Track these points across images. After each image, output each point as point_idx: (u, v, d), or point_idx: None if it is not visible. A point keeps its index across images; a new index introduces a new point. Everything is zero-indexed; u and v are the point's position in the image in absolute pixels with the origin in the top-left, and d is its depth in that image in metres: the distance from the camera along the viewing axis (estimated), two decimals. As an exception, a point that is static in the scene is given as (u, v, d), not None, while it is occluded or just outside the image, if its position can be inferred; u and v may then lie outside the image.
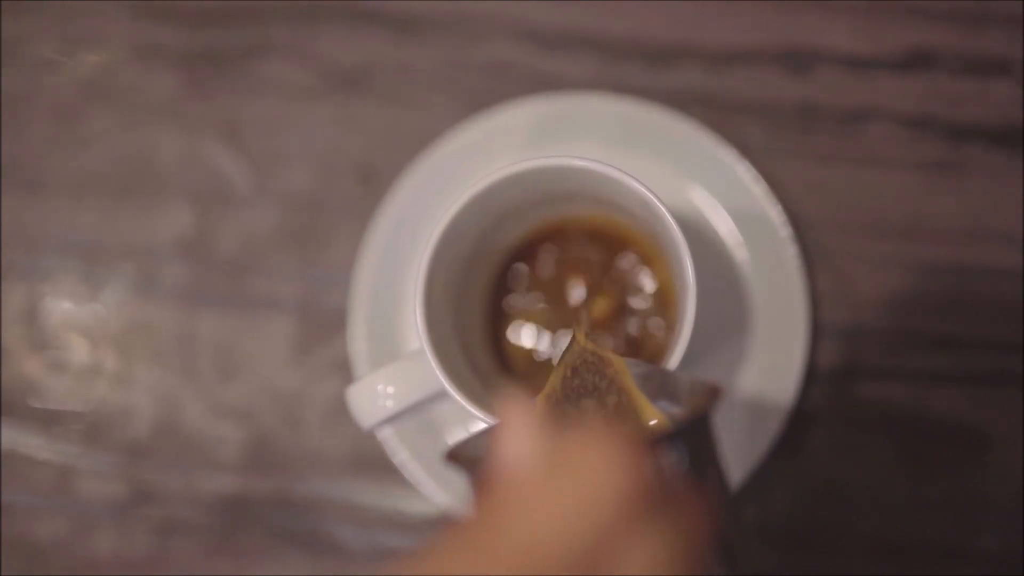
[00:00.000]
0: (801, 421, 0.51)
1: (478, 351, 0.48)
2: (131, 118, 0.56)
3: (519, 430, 0.30)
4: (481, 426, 0.47)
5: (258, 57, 0.56)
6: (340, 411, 0.53)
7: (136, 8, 0.57)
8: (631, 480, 0.27)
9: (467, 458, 0.34)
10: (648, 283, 0.50)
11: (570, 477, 0.28)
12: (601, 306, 0.50)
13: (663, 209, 0.40)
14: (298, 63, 0.56)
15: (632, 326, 0.50)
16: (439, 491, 0.50)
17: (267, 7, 0.56)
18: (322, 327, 0.54)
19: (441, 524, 0.52)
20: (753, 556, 0.33)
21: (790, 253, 0.50)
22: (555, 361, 0.50)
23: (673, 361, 0.41)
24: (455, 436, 0.51)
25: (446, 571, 0.27)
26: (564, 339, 0.50)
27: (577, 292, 0.50)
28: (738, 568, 0.32)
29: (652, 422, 0.35)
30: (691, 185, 0.51)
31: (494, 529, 0.27)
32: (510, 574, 0.26)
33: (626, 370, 0.39)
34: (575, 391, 0.39)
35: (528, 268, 0.50)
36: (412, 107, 0.55)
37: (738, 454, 0.49)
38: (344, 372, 0.53)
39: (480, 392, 0.43)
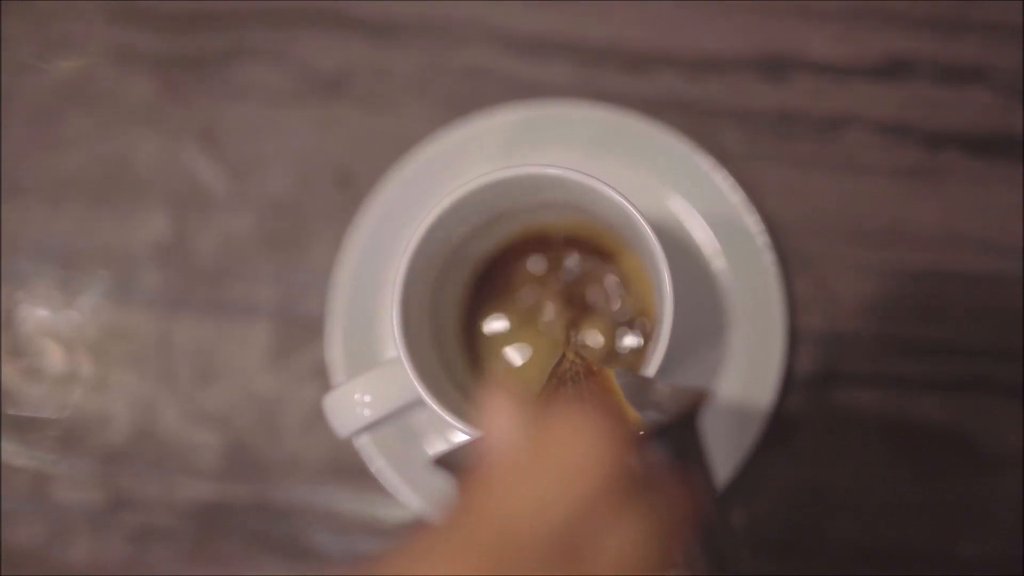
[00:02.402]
0: (781, 427, 0.51)
1: (455, 358, 0.48)
2: (108, 122, 0.56)
3: (504, 415, 0.30)
4: (461, 435, 0.47)
5: (236, 61, 0.55)
6: (318, 417, 0.52)
7: (113, 11, 0.56)
8: (614, 462, 0.27)
9: (453, 464, 0.34)
10: (626, 291, 0.50)
11: (553, 457, 0.28)
12: (579, 314, 0.49)
13: (640, 218, 0.40)
14: (276, 67, 0.55)
15: (610, 334, 0.50)
16: (416, 498, 0.50)
17: (245, 11, 0.56)
18: (300, 333, 0.54)
19: (416, 528, 0.52)
20: (742, 559, 0.33)
21: (767, 261, 0.50)
22: (529, 365, 0.50)
23: (651, 369, 0.41)
24: (432, 443, 0.51)
25: (425, 550, 0.27)
26: (540, 344, 0.50)
27: (554, 300, 0.50)
28: (726, 566, 0.32)
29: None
30: (669, 193, 0.51)
31: (475, 508, 0.27)
32: (488, 551, 0.26)
33: (613, 380, 0.39)
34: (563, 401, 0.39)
35: (506, 276, 0.50)
36: (390, 112, 0.55)
37: (718, 460, 0.49)
38: (322, 378, 0.53)
39: (457, 400, 0.43)
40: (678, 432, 0.32)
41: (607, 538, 0.27)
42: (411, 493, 0.50)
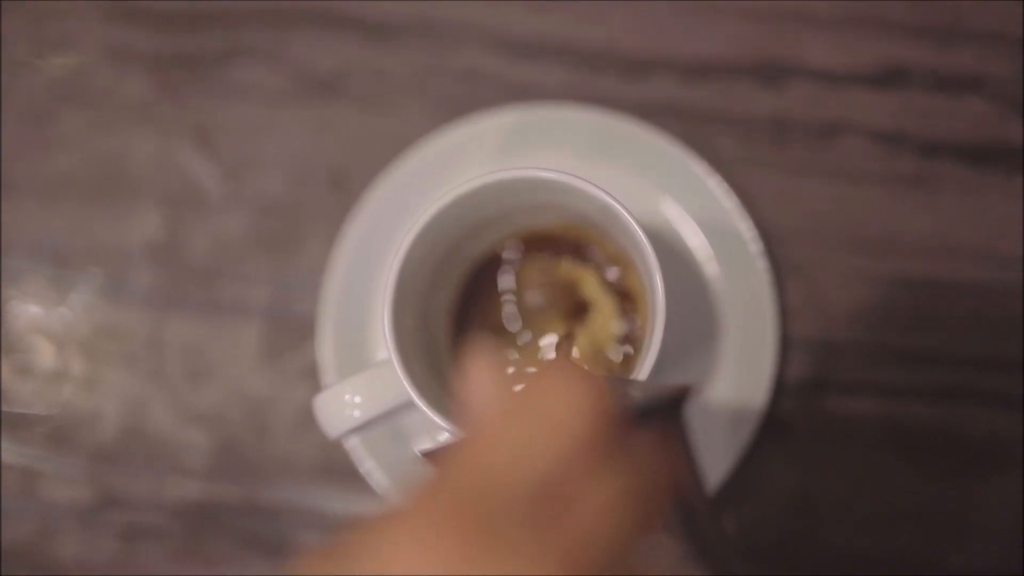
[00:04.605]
0: (772, 433, 0.51)
1: (445, 361, 0.48)
2: (103, 121, 0.56)
3: (485, 378, 0.30)
4: (449, 436, 0.47)
5: (232, 61, 0.55)
6: (308, 418, 0.52)
7: (109, 10, 0.56)
8: (597, 418, 0.27)
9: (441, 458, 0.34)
10: (618, 294, 0.50)
11: (535, 411, 0.27)
12: (570, 317, 0.49)
13: (633, 223, 0.40)
14: (272, 67, 0.55)
15: (602, 337, 0.49)
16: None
17: (241, 11, 0.56)
18: (292, 333, 0.54)
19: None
20: (734, 562, 0.33)
21: (760, 267, 0.50)
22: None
23: (642, 373, 0.41)
24: (422, 445, 0.51)
25: (403, 505, 0.26)
26: (531, 347, 0.50)
27: (546, 304, 0.50)
28: (718, 566, 0.31)
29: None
30: (663, 197, 0.51)
31: (455, 462, 0.27)
32: (467, 501, 0.25)
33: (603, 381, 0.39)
34: None
35: (497, 278, 0.50)
36: (385, 113, 0.55)
37: (709, 465, 0.49)
38: (313, 379, 0.53)
39: (446, 403, 0.43)
40: (662, 418, 0.31)
41: (588, 492, 0.26)
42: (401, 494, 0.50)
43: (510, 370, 0.30)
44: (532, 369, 0.39)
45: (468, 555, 0.24)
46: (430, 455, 0.34)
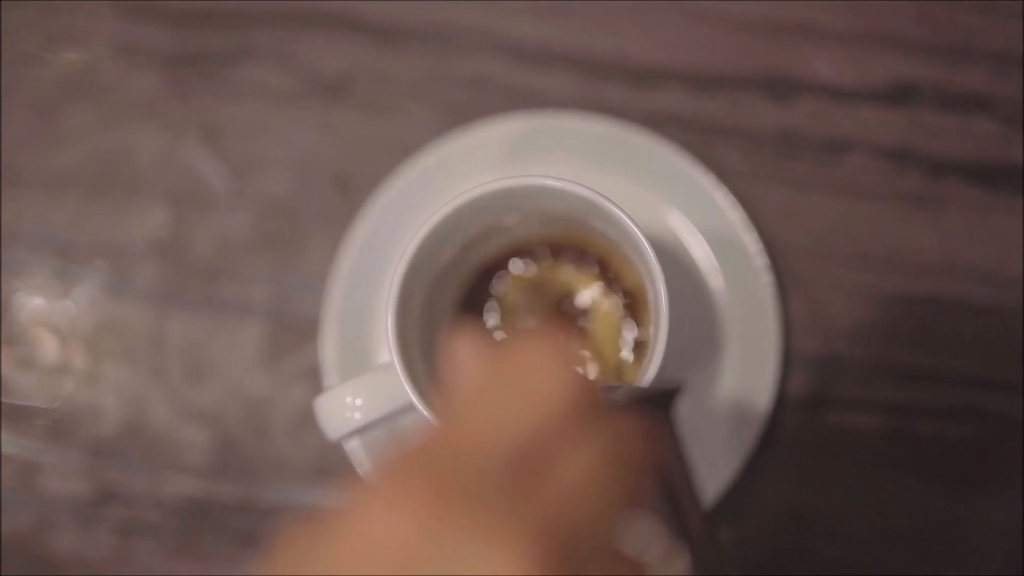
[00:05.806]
0: (770, 448, 0.51)
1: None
2: (110, 116, 0.56)
3: (468, 353, 0.30)
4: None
5: (240, 60, 0.56)
6: (308, 418, 0.52)
7: (119, 7, 0.56)
8: (577, 391, 0.27)
9: None
10: (622, 304, 0.50)
11: (517, 381, 0.27)
12: (573, 326, 0.49)
13: (639, 233, 0.40)
14: (280, 68, 0.55)
15: (604, 347, 0.49)
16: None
17: (250, 11, 0.56)
18: (293, 334, 0.54)
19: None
20: (725, 561, 0.33)
21: (765, 281, 0.50)
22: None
23: (644, 384, 0.41)
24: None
25: (380, 476, 0.26)
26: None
27: (548, 312, 0.50)
28: (710, 567, 0.31)
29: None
30: (668, 208, 0.51)
31: (433, 432, 0.27)
32: (443, 471, 0.25)
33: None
34: None
35: (500, 286, 0.50)
36: (392, 117, 0.55)
37: (708, 478, 0.49)
38: (314, 380, 0.53)
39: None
40: (650, 408, 0.31)
41: (566, 462, 0.26)
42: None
43: (493, 348, 0.30)
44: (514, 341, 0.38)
45: (443, 519, 0.24)
46: None
